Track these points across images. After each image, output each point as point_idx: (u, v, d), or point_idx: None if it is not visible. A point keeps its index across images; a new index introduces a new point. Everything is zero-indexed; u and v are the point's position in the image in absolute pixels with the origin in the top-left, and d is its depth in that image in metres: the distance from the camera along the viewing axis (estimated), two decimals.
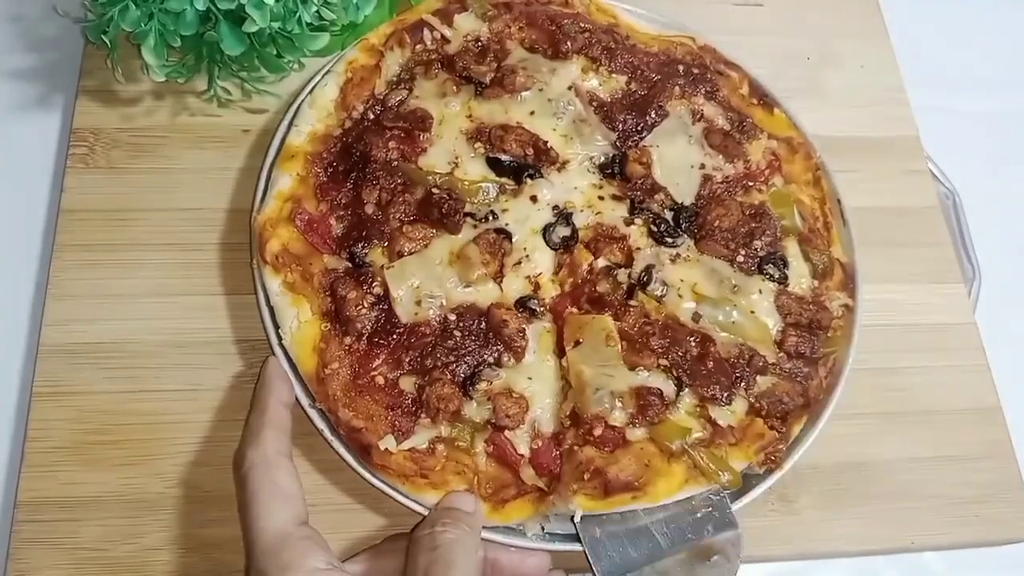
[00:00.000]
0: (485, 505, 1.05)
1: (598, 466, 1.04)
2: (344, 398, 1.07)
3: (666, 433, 1.08)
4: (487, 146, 1.23)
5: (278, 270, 1.13)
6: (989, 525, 1.20)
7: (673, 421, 1.09)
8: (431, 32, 1.31)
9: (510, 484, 1.07)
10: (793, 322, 1.17)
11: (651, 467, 1.06)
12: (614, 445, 1.07)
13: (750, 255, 1.20)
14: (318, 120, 1.24)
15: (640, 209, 1.22)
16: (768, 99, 1.35)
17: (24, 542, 1.06)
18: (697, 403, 1.11)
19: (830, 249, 1.25)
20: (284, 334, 1.11)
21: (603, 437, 1.06)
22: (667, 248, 1.19)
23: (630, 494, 1.04)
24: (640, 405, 1.08)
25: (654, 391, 1.09)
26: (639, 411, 1.08)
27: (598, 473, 1.04)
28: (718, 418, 1.10)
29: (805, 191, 1.30)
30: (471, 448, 1.08)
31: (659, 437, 1.08)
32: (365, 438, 1.05)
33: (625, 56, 1.32)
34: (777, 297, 1.18)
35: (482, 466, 1.08)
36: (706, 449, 1.08)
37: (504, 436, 1.07)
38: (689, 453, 1.07)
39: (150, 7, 1.17)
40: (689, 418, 1.10)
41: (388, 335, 1.11)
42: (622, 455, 1.06)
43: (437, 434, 1.07)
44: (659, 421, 1.08)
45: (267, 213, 1.16)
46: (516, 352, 1.10)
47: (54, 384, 1.13)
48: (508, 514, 1.06)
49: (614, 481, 1.03)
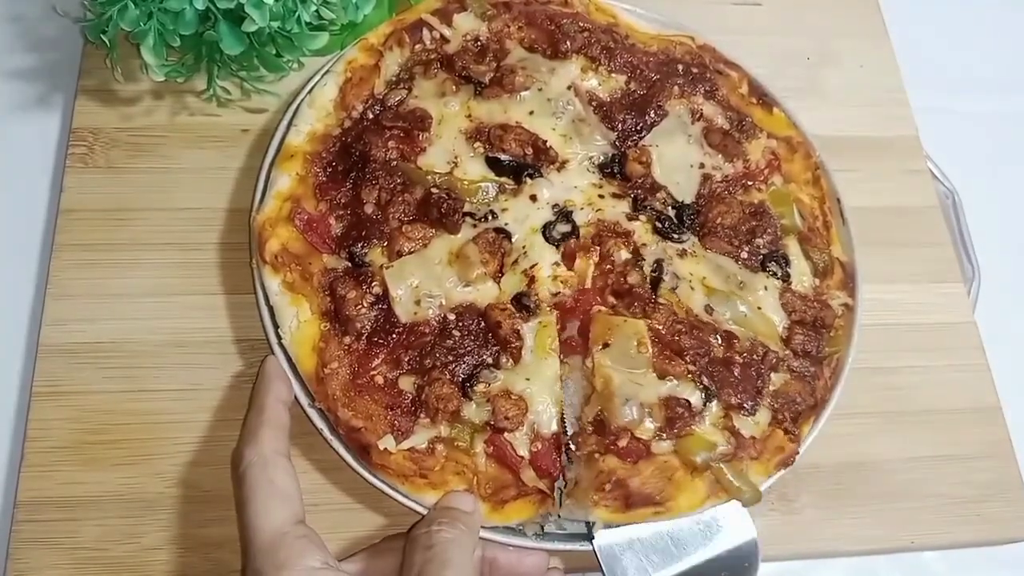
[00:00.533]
0: (485, 505, 1.05)
1: (620, 477, 1.03)
2: (343, 398, 1.07)
3: (691, 447, 1.06)
4: (486, 146, 1.23)
5: (277, 270, 1.13)
6: (989, 525, 1.20)
7: (699, 434, 1.07)
8: (430, 32, 1.31)
9: (510, 484, 1.07)
10: (798, 319, 1.17)
11: (674, 481, 1.05)
12: (637, 456, 1.06)
13: (753, 252, 1.20)
14: (317, 120, 1.24)
15: (643, 206, 1.22)
16: (767, 98, 1.35)
17: (24, 542, 1.06)
18: (722, 414, 1.09)
19: (830, 248, 1.25)
20: (283, 333, 1.11)
21: (628, 448, 1.05)
22: (673, 243, 1.19)
23: (651, 508, 1.03)
24: (668, 417, 1.06)
25: (682, 402, 1.08)
26: (667, 423, 1.06)
27: (620, 485, 1.03)
28: (742, 428, 1.09)
29: (804, 190, 1.30)
30: (470, 448, 1.07)
31: (684, 451, 1.06)
32: (364, 438, 1.05)
33: (624, 55, 1.32)
34: (782, 295, 1.18)
35: (481, 466, 1.07)
36: (729, 464, 1.07)
37: (503, 438, 1.07)
38: (713, 468, 1.06)
39: (149, 6, 1.17)
40: (715, 430, 1.08)
41: (387, 335, 1.11)
42: (645, 467, 1.05)
43: (436, 434, 1.07)
44: (686, 434, 1.07)
45: (266, 213, 1.16)
46: (513, 353, 1.10)
47: (54, 384, 1.13)
48: (508, 514, 1.05)
49: (636, 494, 1.03)
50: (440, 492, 1.04)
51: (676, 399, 1.08)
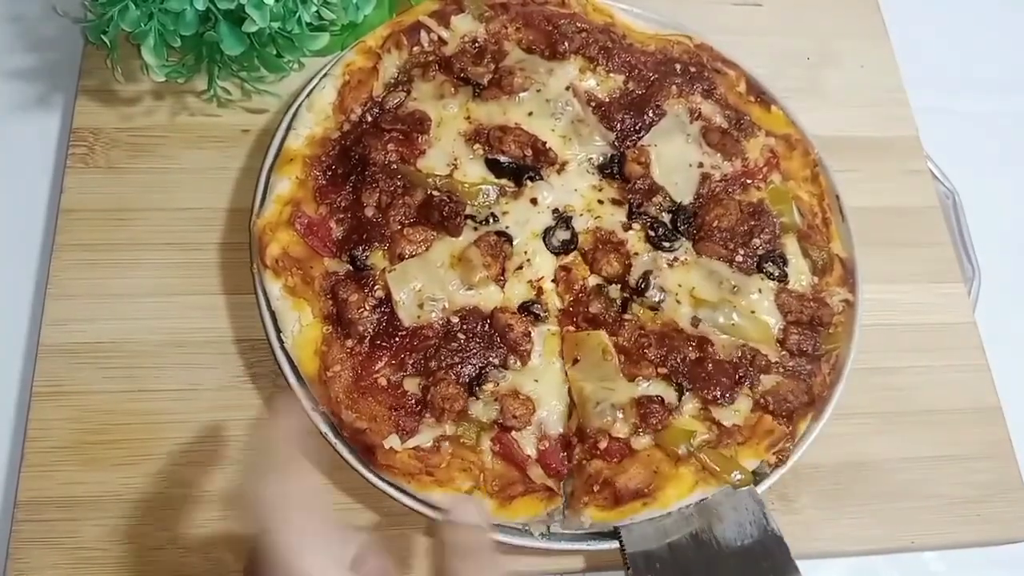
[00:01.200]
0: (492, 502, 1.05)
1: (606, 477, 1.05)
2: (347, 400, 1.07)
3: (671, 438, 1.08)
4: (486, 147, 1.23)
5: (279, 274, 1.13)
6: (989, 525, 1.20)
7: (677, 426, 1.08)
8: (428, 34, 1.31)
9: (517, 481, 1.07)
10: (794, 320, 1.17)
11: (660, 473, 1.06)
12: (621, 456, 1.07)
13: (749, 254, 1.20)
14: (316, 123, 1.24)
15: (638, 214, 1.22)
16: (765, 96, 1.35)
17: (24, 542, 1.06)
18: (700, 406, 1.11)
19: (829, 245, 1.25)
20: (286, 338, 1.11)
21: (609, 449, 1.07)
22: (665, 253, 1.19)
23: (640, 501, 1.04)
24: (642, 414, 1.08)
25: (655, 399, 1.09)
26: (641, 419, 1.08)
27: (607, 484, 1.04)
28: (722, 419, 1.10)
29: (803, 187, 1.30)
30: (477, 446, 1.07)
31: (664, 443, 1.08)
32: (369, 439, 1.05)
33: (622, 55, 1.32)
34: (777, 295, 1.18)
35: (488, 463, 1.07)
36: (713, 450, 1.07)
37: (511, 436, 1.08)
38: (695, 456, 1.07)
39: (150, 7, 1.17)
40: (694, 421, 1.10)
41: (391, 338, 1.11)
42: (629, 464, 1.06)
43: (442, 432, 1.07)
44: (663, 427, 1.08)
45: (267, 217, 1.16)
46: (522, 355, 1.11)
47: (54, 384, 1.13)
48: (515, 511, 1.05)
49: (623, 490, 1.04)
50: (447, 490, 1.04)
51: (648, 397, 1.09)
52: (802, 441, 1.14)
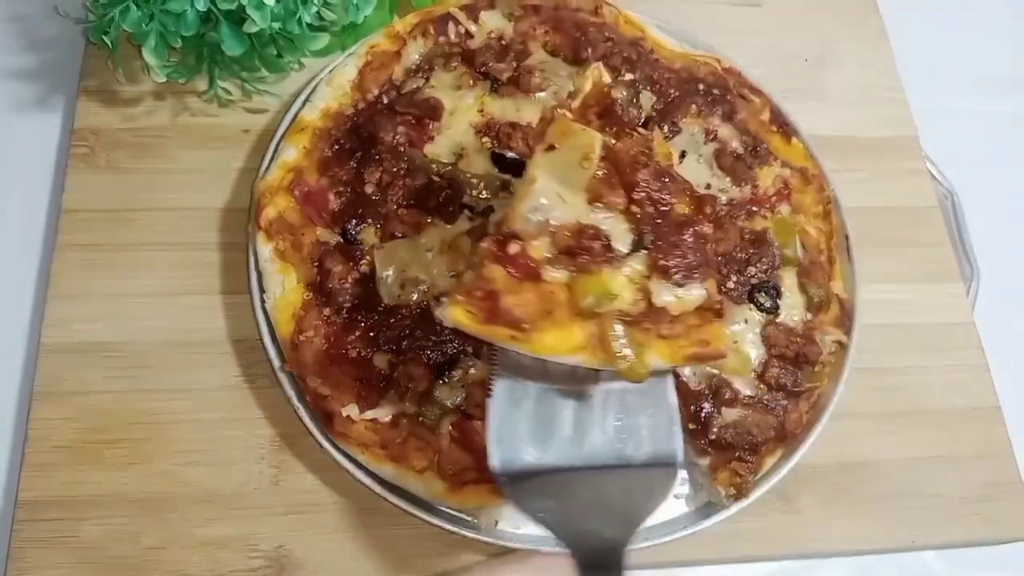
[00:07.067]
0: (442, 485, 1.04)
1: (496, 289, 0.91)
2: (314, 366, 1.09)
3: (585, 286, 0.91)
4: (494, 141, 1.23)
5: (271, 236, 1.15)
6: (989, 524, 1.20)
7: (602, 278, 0.92)
8: (456, 26, 1.32)
9: (471, 468, 1.05)
10: (778, 354, 1.15)
11: (551, 317, 0.90)
12: (525, 275, 0.92)
13: (741, 283, 1.17)
14: (333, 98, 1.26)
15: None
16: (788, 127, 1.32)
17: (24, 542, 1.06)
18: (645, 272, 0.94)
19: (830, 284, 1.23)
20: (268, 298, 1.13)
21: (516, 260, 0.92)
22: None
23: (510, 332, 0.89)
24: (574, 246, 0.93)
25: (601, 236, 0.94)
26: (568, 252, 0.93)
27: (492, 295, 0.90)
28: (657, 295, 0.93)
29: (813, 223, 1.27)
30: (437, 428, 1.07)
31: (576, 288, 0.91)
32: (329, 405, 1.06)
33: (645, 69, 1.30)
34: (764, 327, 1.16)
35: (444, 447, 1.06)
36: (624, 326, 0.90)
37: (472, 424, 1.06)
38: (600, 318, 0.90)
39: (151, 8, 1.17)
40: (626, 284, 0.93)
41: (368, 312, 1.12)
42: (527, 289, 0.91)
43: (402, 410, 1.07)
44: (586, 272, 0.92)
45: (269, 180, 1.18)
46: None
47: (54, 384, 1.13)
48: (465, 497, 1.04)
49: (504, 311, 0.89)
50: (401, 467, 1.04)
51: (595, 230, 0.94)
52: (802, 442, 1.14)
